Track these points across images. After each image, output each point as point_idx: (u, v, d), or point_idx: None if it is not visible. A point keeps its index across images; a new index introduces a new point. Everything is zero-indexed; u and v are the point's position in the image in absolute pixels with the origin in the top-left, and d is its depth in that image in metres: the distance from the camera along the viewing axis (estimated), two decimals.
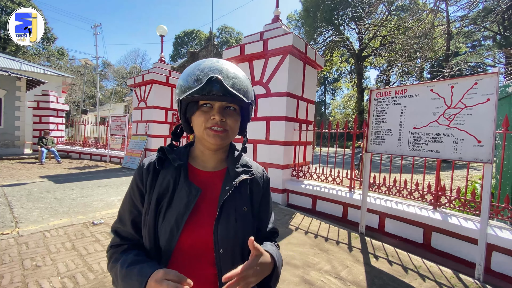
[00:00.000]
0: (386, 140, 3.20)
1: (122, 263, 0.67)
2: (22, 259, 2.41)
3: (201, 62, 0.74)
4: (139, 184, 0.76)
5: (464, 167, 12.63)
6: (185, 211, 0.70)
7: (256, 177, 0.85)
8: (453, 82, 2.65)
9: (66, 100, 24.21)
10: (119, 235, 0.76)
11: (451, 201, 3.13)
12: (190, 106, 0.74)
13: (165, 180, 0.74)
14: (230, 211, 0.74)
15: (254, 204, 0.83)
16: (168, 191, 0.73)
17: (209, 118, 0.71)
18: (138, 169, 0.79)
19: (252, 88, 0.81)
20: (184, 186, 0.73)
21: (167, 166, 0.76)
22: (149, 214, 0.71)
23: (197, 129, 0.75)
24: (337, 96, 46.60)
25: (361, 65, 26.13)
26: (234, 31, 47.84)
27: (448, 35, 14.02)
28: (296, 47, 4.41)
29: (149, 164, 0.77)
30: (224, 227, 0.72)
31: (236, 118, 0.76)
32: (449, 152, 2.66)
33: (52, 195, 4.61)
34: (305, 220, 3.78)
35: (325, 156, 12.93)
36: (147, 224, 0.71)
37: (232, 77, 0.71)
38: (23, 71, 12.97)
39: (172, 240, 0.69)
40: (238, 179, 0.77)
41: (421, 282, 2.33)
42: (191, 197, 0.72)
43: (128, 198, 0.77)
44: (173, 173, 0.75)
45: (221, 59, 0.76)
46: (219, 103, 0.72)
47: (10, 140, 10.06)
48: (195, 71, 0.71)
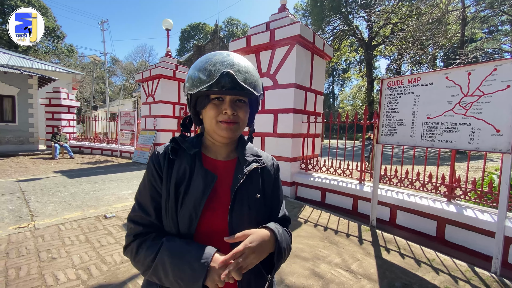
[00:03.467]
0: (398, 130, 3.11)
1: (169, 247, 0.67)
2: (38, 252, 2.49)
3: (212, 56, 0.74)
4: (158, 170, 0.76)
5: (479, 158, 12.27)
6: (202, 197, 0.71)
7: (266, 165, 0.86)
8: (470, 68, 2.53)
9: (77, 96, 24.67)
10: (140, 223, 0.74)
11: (467, 193, 3.03)
12: (201, 100, 0.74)
13: (181, 168, 0.75)
14: (243, 198, 0.75)
15: (266, 192, 0.84)
16: (185, 178, 0.74)
17: (220, 112, 0.72)
18: (153, 156, 0.78)
19: (261, 80, 0.81)
20: (200, 173, 0.74)
21: (181, 156, 0.77)
22: (170, 201, 0.72)
23: (208, 122, 0.75)
24: (346, 87, 45.86)
25: (370, 54, 25.45)
26: (240, 23, 47.30)
27: (463, 21, 13.43)
28: (303, 37, 4.30)
29: (165, 152, 0.78)
30: (238, 214, 0.74)
31: (246, 110, 0.77)
32: (465, 142, 2.55)
33: (65, 189, 4.73)
34: (314, 213, 3.75)
35: (334, 149, 12.78)
36: (169, 211, 0.72)
37: (244, 72, 0.72)
38: (35, 69, 13.21)
39: (191, 226, 0.70)
40: (249, 167, 0.79)
41: (434, 275, 2.27)
42: (207, 183, 0.73)
43: (148, 186, 0.76)
44: (189, 161, 0.76)
45: (231, 52, 0.76)
46: (230, 97, 0.73)
47: (25, 137, 10.35)
48: (207, 66, 0.71)
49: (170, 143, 0.78)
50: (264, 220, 0.79)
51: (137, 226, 0.74)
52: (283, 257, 0.74)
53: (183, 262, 0.64)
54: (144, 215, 0.74)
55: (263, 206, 0.81)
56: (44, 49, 31.64)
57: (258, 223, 0.76)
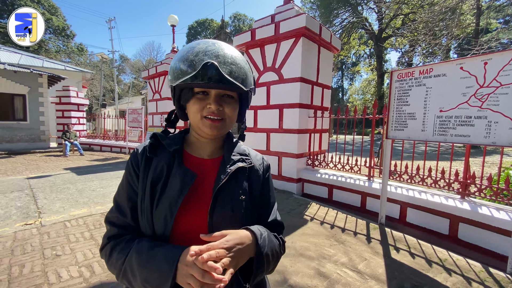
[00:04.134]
0: (408, 125, 2.97)
1: (138, 250, 0.62)
2: (43, 249, 2.51)
3: (195, 45, 0.67)
4: (135, 169, 0.71)
5: (493, 153, 11.83)
6: (179, 196, 0.66)
7: (254, 165, 0.80)
8: (486, 58, 2.37)
9: (87, 94, 25.10)
10: (116, 224, 0.70)
11: (482, 189, 2.87)
12: (185, 93, 0.69)
13: (159, 165, 0.70)
14: (226, 199, 0.70)
15: (254, 193, 0.77)
16: (162, 176, 0.69)
17: (205, 107, 0.67)
18: (132, 155, 0.74)
19: (252, 73, 0.74)
20: (178, 171, 0.69)
21: (161, 153, 0.72)
22: (145, 201, 0.67)
23: (192, 118, 0.70)
24: (355, 81, 44.99)
25: (381, 47, 24.79)
26: (247, 18, 46.83)
27: (477, 10, 12.84)
28: (309, 29, 4.16)
29: (144, 149, 0.73)
30: (219, 216, 0.68)
31: (234, 107, 0.71)
32: (481, 136, 2.40)
33: (73, 186, 4.80)
34: (320, 210, 3.67)
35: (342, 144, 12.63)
36: (144, 211, 0.68)
37: (229, 63, 0.65)
38: (45, 68, 13.45)
39: (166, 227, 0.65)
40: (233, 167, 0.73)
41: (446, 276, 2.17)
42: (185, 182, 0.67)
43: (125, 186, 0.72)
44: (167, 159, 0.71)
45: (218, 41, 0.68)
46: (215, 91, 0.67)
47: (36, 135, 10.60)
48: (189, 55, 0.65)
49: (150, 139, 0.73)
50: (252, 224, 0.73)
51: (112, 227, 0.70)
52: (265, 264, 0.66)
53: (150, 264, 0.59)
54: (120, 216, 0.70)
55: (250, 208, 0.74)
56: (55, 48, 32.29)
57: (240, 225, 0.70)
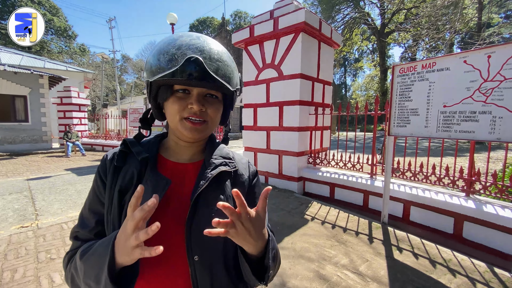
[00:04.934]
0: (411, 121, 2.88)
1: (81, 250, 0.57)
2: (37, 252, 2.47)
3: (177, 37, 0.59)
4: (102, 176, 0.64)
5: (497, 148, 11.61)
6: None
7: (238, 170, 0.72)
8: (490, 51, 2.26)
9: (90, 95, 25.16)
10: (80, 239, 0.63)
11: (487, 187, 2.78)
12: (163, 90, 0.61)
13: (128, 173, 0.62)
14: (206, 207, 0.62)
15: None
16: (132, 184, 0.61)
17: (185, 107, 0.59)
18: (101, 162, 0.66)
19: (238, 73, 0.67)
20: (149, 178, 0.61)
21: (131, 161, 0.64)
22: (112, 212, 0.60)
23: (170, 119, 0.62)
24: (358, 77, 44.64)
25: (383, 42, 24.48)
26: (247, 15, 46.59)
27: (479, 5, 12.58)
28: (309, 24, 4.07)
29: (113, 155, 0.66)
30: (199, 226, 0.59)
31: (217, 108, 0.64)
32: (486, 132, 2.31)
33: (73, 187, 4.77)
34: (322, 209, 3.59)
35: (344, 141, 12.49)
36: (111, 224, 0.60)
37: (216, 60, 0.58)
38: (47, 69, 13.47)
39: None
40: (215, 171, 0.65)
41: (451, 278, 2.09)
42: (157, 189, 0.59)
43: (91, 197, 0.65)
44: (138, 164, 0.63)
45: (203, 35, 0.61)
46: (198, 90, 0.60)
47: (38, 136, 10.62)
48: (170, 48, 0.57)
49: (120, 146, 0.66)
50: None
51: (75, 242, 0.63)
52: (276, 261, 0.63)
53: (89, 257, 0.53)
54: (83, 230, 0.63)
55: None
56: (57, 49, 32.39)
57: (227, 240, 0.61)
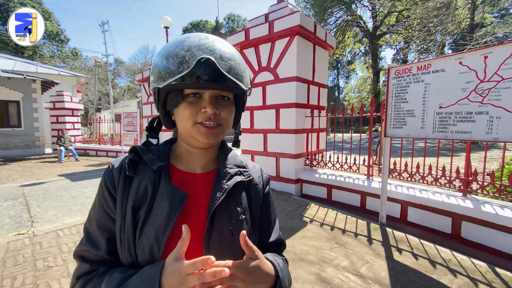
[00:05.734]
0: (407, 122, 2.91)
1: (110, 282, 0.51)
2: (35, 260, 2.42)
3: (185, 39, 0.56)
4: (111, 190, 0.59)
5: (492, 147, 11.83)
6: (168, 223, 0.55)
7: (253, 178, 0.69)
8: (486, 51, 2.31)
9: (82, 99, 24.89)
10: (88, 260, 0.58)
11: (484, 186, 2.82)
12: (172, 96, 0.57)
13: (141, 186, 0.58)
14: (224, 221, 0.59)
15: (253, 211, 0.67)
16: (146, 199, 0.57)
17: (198, 111, 0.56)
18: (106, 172, 0.61)
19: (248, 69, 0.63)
20: (166, 192, 0.57)
21: (142, 170, 0.60)
22: (126, 230, 0.56)
23: (182, 125, 0.58)
24: (351, 79, 45.07)
25: (375, 44, 24.81)
26: (241, 18, 46.73)
27: (472, 5, 12.87)
28: (304, 27, 4.10)
29: (121, 165, 0.61)
30: (217, 242, 0.57)
31: (231, 109, 0.61)
32: (483, 132, 2.35)
33: (67, 193, 4.69)
34: (320, 211, 3.60)
35: (340, 143, 12.60)
36: (125, 243, 0.56)
37: (228, 59, 0.55)
38: (39, 74, 13.27)
39: (153, 262, 0.53)
40: (231, 182, 0.62)
41: (452, 278, 2.10)
42: (174, 205, 0.56)
43: (98, 211, 0.60)
44: (152, 176, 0.59)
45: (211, 34, 0.58)
46: (210, 92, 0.56)
47: (31, 141, 10.45)
48: (179, 51, 0.54)
49: (129, 154, 0.62)
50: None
51: (83, 263, 0.58)
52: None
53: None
54: (92, 249, 0.58)
55: (251, 229, 0.65)
56: (49, 54, 32.02)
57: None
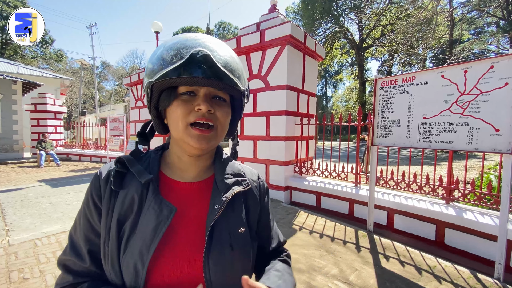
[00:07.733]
0: (393, 132, 3.00)
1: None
2: (9, 271, 2.27)
3: (182, 36, 0.54)
4: (96, 200, 0.56)
5: (471, 157, 12.36)
6: (152, 239, 0.51)
7: (251, 187, 0.66)
8: (466, 66, 2.44)
9: (66, 102, 24.12)
10: (72, 271, 0.55)
11: (466, 194, 2.93)
12: (165, 95, 0.53)
13: (127, 197, 0.54)
14: (223, 236, 0.56)
15: (251, 221, 0.64)
16: (132, 211, 0.53)
17: (191, 110, 0.52)
18: (93, 181, 0.57)
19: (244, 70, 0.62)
20: (152, 205, 0.53)
21: (130, 181, 0.56)
22: (110, 244, 0.52)
23: (174, 127, 0.55)
24: (338, 89, 46.16)
25: (362, 56, 25.69)
26: (231, 26, 47.21)
27: (451, 22, 13.62)
28: (294, 37, 4.19)
29: (108, 173, 0.57)
30: (217, 259, 0.53)
31: (227, 111, 0.57)
32: (464, 142, 2.45)
33: (47, 200, 4.48)
34: (309, 219, 3.61)
35: (329, 151, 12.74)
36: (109, 257, 0.52)
37: (224, 54, 0.53)
38: (20, 75, 12.81)
39: (137, 279, 0.50)
40: (229, 193, 0.58)
41: (437, 284, 2.15)
42: (161, 219, 0.52)
43: (82, 221, 0.57)
44: (139, 188, 0.55)
45: (207, 35, 0.57)
46: (205, 89, 0.53)
47: (9, 145, 9.96)
48: (174, 44, 0.52)
49: (115, 165, 0.57)
50: (251, 258, 0.61)
51: (66, 274, 0.55)
52: None
53: None
54: (77, 260, 0.55)
55: (250, 241, 0.61)
56: (32, 55, 30.97)
57: (243, 265, 0.58)
